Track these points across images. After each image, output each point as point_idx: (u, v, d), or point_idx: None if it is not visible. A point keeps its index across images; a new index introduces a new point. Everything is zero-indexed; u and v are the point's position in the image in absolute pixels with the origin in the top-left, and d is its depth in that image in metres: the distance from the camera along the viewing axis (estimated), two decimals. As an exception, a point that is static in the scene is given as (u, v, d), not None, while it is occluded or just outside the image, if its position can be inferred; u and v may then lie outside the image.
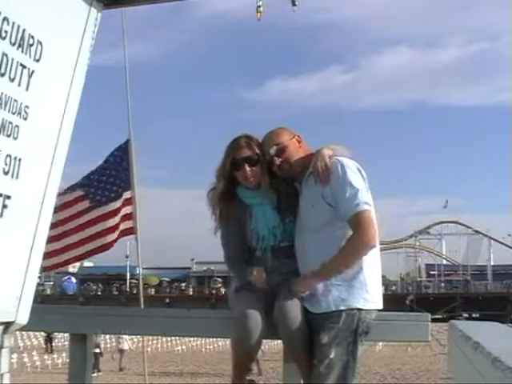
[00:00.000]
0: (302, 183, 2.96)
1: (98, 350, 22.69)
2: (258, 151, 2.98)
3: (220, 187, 2.98)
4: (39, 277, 2.75)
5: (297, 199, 2.97)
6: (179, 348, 30.84)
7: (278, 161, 2.93)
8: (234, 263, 3.05)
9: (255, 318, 2.74)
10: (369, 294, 2.77)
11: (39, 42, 2.35)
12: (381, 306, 2.84)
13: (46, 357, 24.02)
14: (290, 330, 2.73)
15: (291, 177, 3.02)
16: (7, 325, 2.41)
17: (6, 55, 2.20)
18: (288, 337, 2.79)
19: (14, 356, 19.00)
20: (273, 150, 2.94)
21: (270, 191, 2.99)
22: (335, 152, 2.89)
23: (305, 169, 2.93)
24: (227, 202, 2.99)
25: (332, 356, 2.66)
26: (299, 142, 3.00)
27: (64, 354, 21.85)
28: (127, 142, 7.69)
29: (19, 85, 2.28)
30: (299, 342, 2.76)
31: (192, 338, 30.62)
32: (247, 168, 2.94)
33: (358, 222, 2.74)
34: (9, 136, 2.25)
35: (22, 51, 2.28)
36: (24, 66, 2.29)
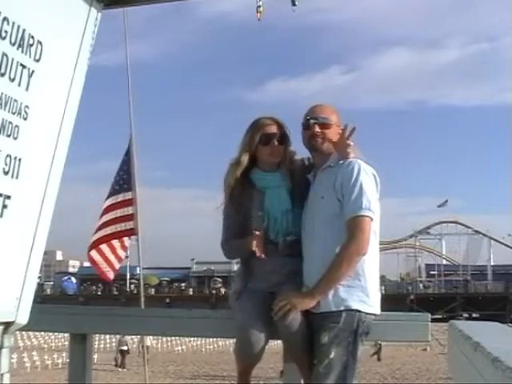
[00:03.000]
0: (316, 174, 2.96)
1: (125, 348, 23.11)
2: (284, 132, 2.99)
3: (245, 161, 2.97)
4: (39, 277, 2.75)
5: (307, 191, 2.96)
6: (179, 348, 30.84)
7: (317, 128, 2.89)
8: (231, 242, 2.99)
9: (257, 330, 2.76)
10: (368, 298, 2.77)
11: (39, 42, 2.35)
12: (379, 312, 2.83)
13: (46, 356, 24.08)
14: (290, 330, 2.73)
15: (312, 154, 2.99)
16: (7, 325, 2.41)
17: (6, 55, 2.20)
18: (288, 337, 2.79)
19: (14, 356, 19.02)
20: (316, 119, 2.90)
21: (287, 174, 2.99)
22: (355, 153, 2.88)
23: (325, 161, 2.92)
24: (243, 181, 2.97)
25: (332, 356, 2.65)
26: (339, 134, 2.96)
27: (64, 354, 21.93)
28: (130, 143, 7.74)
29: (19, 85, 2.28)
30: (299, 342, 2.76)
31: (192, 338, 30.62)
32: (275, 143, 2.95)
33: (353, 226, 2.73)
34: (9, 136, 2.25)
35: (22, 51, 2.28)
36: (24, 66, 2.29)
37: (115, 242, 7.76)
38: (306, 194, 2.96)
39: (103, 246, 7.67)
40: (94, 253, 7.73)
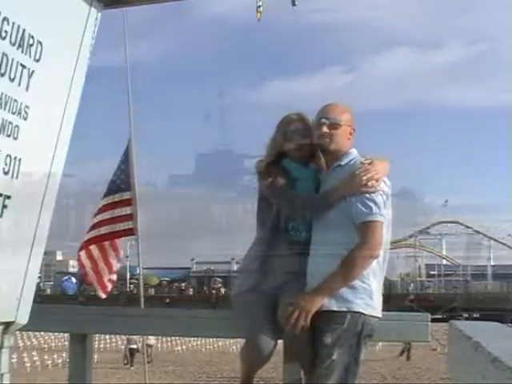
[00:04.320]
0: (325, 174, 2.95)
1: (134, 346, 23.19)
2: (308, 126, 2.99)
3: (267, 159, 3.00)
4: (39, 277, 2.75)
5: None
6: (179, 348, 30.82)
7: (325, 128, 2.87)
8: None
9: (266, 335, 2.76)
10: (373, 301, 2.75)
11: (39, 42, 2.35)
12: (381, 315, 2.81)
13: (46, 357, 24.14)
14: (295, 332, 2.72)
15: (322, 154, 2.98)
16: (7, 325, 2.41)
17: (6, 55, 2.20)
18: (291, 339, 2.79)
19: (14, 356, 19.01)
20: (326, 119, 2.88)
21: (317, 171, 3.00)
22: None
23: (333, 160, 2.91)
24: (273, 171, 2.96)
25: (334, 357, 2.64)
26: (351, 134, 2.95)
27: (64, 354, 21.96)
28: (128, 143, 7.75)
29: (19, 85, 2.28)
30: (301, 343, 2.76)
31: (192, 338, 30.60)
32: (298, 139, 2.96)
33: (365, 230, 2.71)
34: (9, 136, 2.25)
35: (22, 51, 2.28)
36: (24, 66, 2.29)
37: (108, 247, 7.58)
38: None
39: (94, 250, 7.49)
40: (83, 254, 7.58)
